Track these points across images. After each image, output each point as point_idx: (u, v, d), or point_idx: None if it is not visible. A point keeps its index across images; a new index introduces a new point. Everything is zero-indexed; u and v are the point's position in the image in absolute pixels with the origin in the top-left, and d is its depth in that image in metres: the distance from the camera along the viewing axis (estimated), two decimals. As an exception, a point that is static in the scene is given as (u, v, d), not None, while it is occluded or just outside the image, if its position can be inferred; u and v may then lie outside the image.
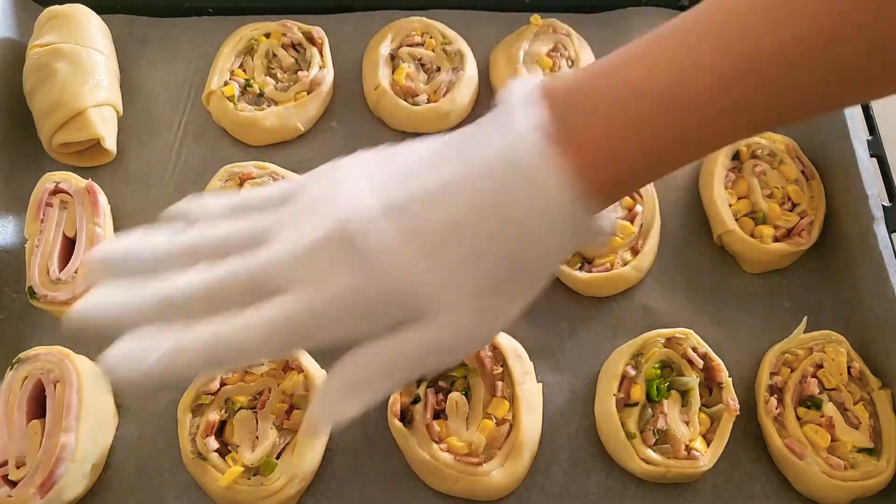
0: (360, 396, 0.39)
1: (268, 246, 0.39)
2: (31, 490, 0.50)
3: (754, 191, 0.65)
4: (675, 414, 0.55)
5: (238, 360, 0.40)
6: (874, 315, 0.60)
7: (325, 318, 0.38)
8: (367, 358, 0.39)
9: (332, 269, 0.37)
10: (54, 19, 0.69)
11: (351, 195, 0.39)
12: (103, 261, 0.40)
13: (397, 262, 0.37)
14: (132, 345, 0.37)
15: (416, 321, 0.38)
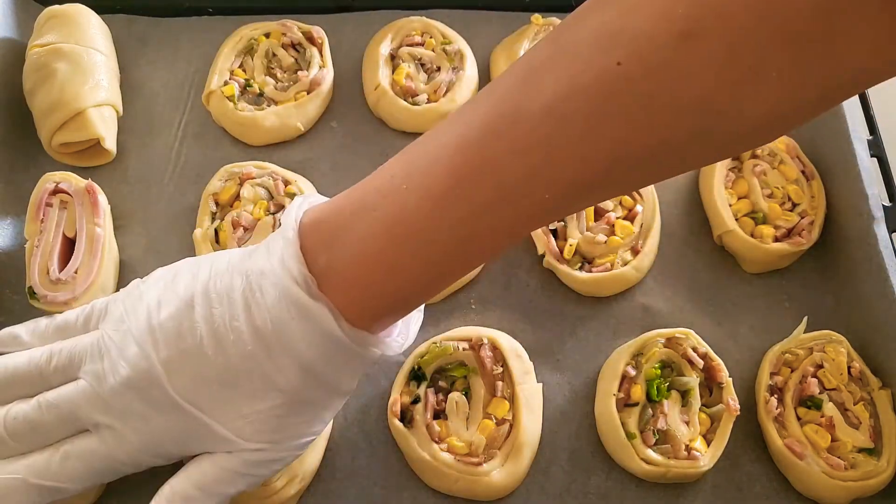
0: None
1: (75, 382, 0.44)
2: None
3: (754, 191, 0.65)
4: (675, 414, 0.55)
5: (58, 495, 0.44)
6: (874, 315, 0.60)
7: (132, 454, 0.44)
8: (183, 481, 0.44)
9: (136, 413, 0.42)
10: (54, 19, 0.69)
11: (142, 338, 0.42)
12: None
13: (192, 402, 0.41)
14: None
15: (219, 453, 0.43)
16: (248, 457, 0.43)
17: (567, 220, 0.63)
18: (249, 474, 0.44)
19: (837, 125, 0.65)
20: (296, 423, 0.44)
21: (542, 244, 0.63)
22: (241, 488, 0.44)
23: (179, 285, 0.44)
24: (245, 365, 0.41)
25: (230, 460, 0.43)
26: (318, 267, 0.40)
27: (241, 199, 0.62)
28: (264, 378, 0.41)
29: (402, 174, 0.39)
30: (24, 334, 0.49)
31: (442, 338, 0.57)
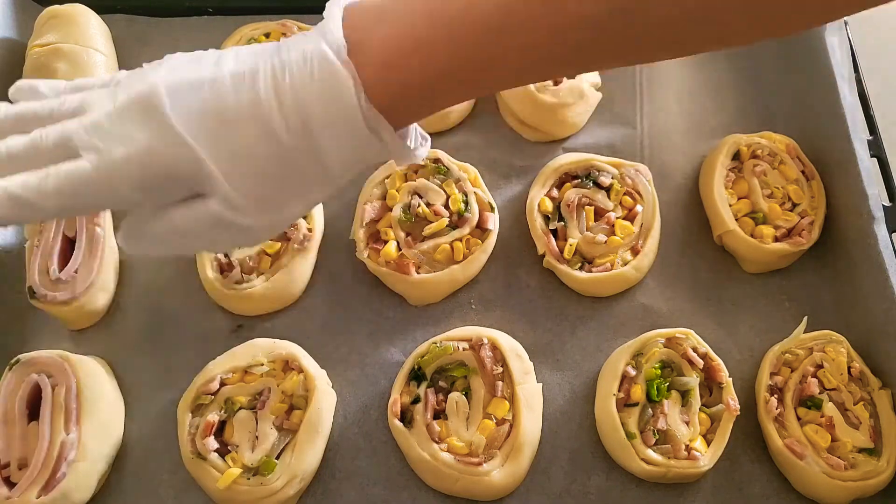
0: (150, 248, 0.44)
1: (80, 115, 0.43)
2: (34, 491, 0.50)
3: (754, 191, 0.65)
4: (675, 414, 0.55)
5: (36, 212, 0.42)
6: (874, 315, 0.60)
7: (113, 179, 0.41)
8: (156, 219, 0.43)
9: (127, 133, 0.41)
10: (54, 19, 0.69)
11: (156, 73, 0.42)
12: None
13: (188, 131, 0.40)
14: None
15: (200, 195, 0.42)
16: (222, 212, 0.42)
17: (567, 220, 0.63)
18: (213, 235, 0.43)
19: (837, 125, 0.65)
20: (280, 184, 0.43)
21: (542, 244, 0.63)
22: (200, 247, 0.45)
23: (212, 52, 0.44)
24: (253, 109, 0.41)
25: (202, 212, 0.42)
26: (352, 40, 0.40)
27: None
28: (266, 125, 0.41)
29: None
30: (42, 87, 0.48)
31: (442, 338, 0.58)
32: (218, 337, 0.60)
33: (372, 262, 0.61)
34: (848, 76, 0.67)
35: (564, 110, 0.68)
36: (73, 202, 0.43)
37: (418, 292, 0.62)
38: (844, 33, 0.69)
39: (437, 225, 0.61)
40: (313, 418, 0.54)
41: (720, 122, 0.72)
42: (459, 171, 0.64)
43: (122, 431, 0.57)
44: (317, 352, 0.59)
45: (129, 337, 0.60)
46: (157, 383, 0.59)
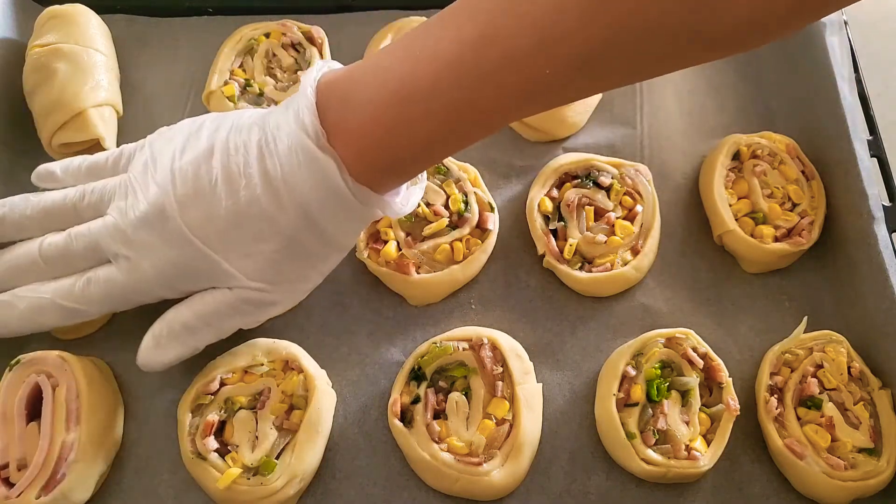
0: (182, 343, 0.50)
1: (103, 217, 0.49)
2: (33, 491, 0.50)
3: (754, 191, 0.65)
4: (675, 414, 0.55)
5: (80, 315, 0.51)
6: (874, 315, 0.60)
7: (145, 283, 0.49)
8: (185, 309, 0.49)
9: (150, 242, 0.47)
10: (54, 19, 0.69)
11: (163, 179, 0.47)
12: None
13: (202, 238, 0.46)
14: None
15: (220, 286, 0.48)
16: (247, 294, 0.48)
17: (567, 220, 0.63)
18: (246, 312, 0.49)
19: (837, 125, 0.65)
20: (293, 267, 0.48)
21: (542, 244, 0.63)
22: (237, 324, 0.50)
23: (203, 135, 0.48)
24: (253, 208, 0.45)
25: (230, 295, 0.48)
26: (329, 122, 0.43)
27: None
28: (269, 221, 0.45)
29: (416, 43, 0.42)
30: (58, 171, 0.54)
31: (442, 338, 0.58)
32: (218, 337, 0.60)
33: (372, 262, 0.61)
34: (848, 76, 0.67)
35: (564, 109, 0.68)
36: (112, 305, 0.51)
37: (418, 292, 0.62)
38: (844, 33, 0.69)
39: (437, 225, 0.61)
40: (313, 418, 0.54)
41: (720, 122, 0.72)
42: (459, 171, 0.64)
43: (121, 431, 0.57)
44: (317, 352, 0.59)
45: (130, 337, 0.60)
46: (157, 383, 0.59)
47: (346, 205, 0.45)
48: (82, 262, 0.50)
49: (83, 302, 0.50)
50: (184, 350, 0.51)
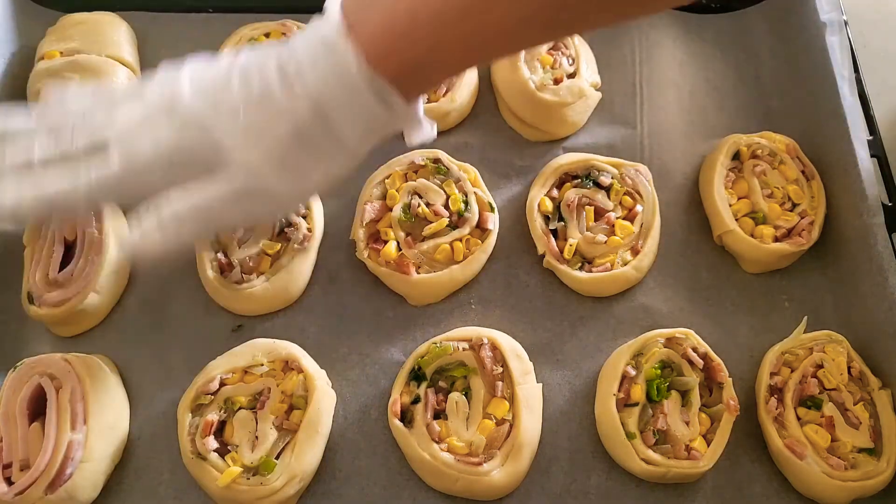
0: (171, 232, 0.46)
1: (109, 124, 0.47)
2: (38, 490, 0.50)
3: (754, 191, 0.65)
4: (675, 414, 0.55)
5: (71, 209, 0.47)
6: (874, 315, 0.60)
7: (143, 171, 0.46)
8: (179, 199, 0.46)
9: (153, 128, 0.45)
10: (80, 25, 0.68)
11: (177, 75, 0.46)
12: None
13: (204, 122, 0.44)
14: None
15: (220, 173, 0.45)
16: (248, 183, 0.45)
17: (567, 220, 0.63)
18: (241, 204, 0.46)
19: (837, 125, 0.65)
20: (297, 158, 0.46)
21: (542, 244, 0.63)
22: (230, 217, 0.47)
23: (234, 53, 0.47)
24: (264, 97, 0.44)
25: (226, 183, 0.45)
26: (350, 21, 0.43)
27: None
28: (278, 108, 0.44)
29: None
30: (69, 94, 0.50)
31: (442, 338, 0.58)
32: (218, 337, 0.60)
33: (372, 262, 0.61)
34: (848, 76, 0.67)
35: (564, 109, 0.68)
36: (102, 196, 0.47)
37: (418, 292, 0.62)
38: (844, 33, 0.69)
39: (437, 225, 0.61)
40: (313, 418, 0.54)
41: (720, 122, 0.72)
42: (459, 171, 0.64)
43: (127, 430, 0.57)
44: (317, 352, 0.59)
45: (130, 337, 0.60)
46: (157, 383, 0.59)
47: (361, 97, 0.43)
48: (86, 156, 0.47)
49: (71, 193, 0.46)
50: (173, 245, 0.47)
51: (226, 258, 0.61)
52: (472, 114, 0.71)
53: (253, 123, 0.45)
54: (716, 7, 0.78)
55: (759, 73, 0.75)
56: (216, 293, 0.60)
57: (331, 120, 0.44)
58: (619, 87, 0.73)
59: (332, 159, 0.47)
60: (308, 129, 0.45)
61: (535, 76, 0.68)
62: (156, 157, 0.46)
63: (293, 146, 0.45)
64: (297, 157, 0.46)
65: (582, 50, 0.71)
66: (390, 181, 0.64)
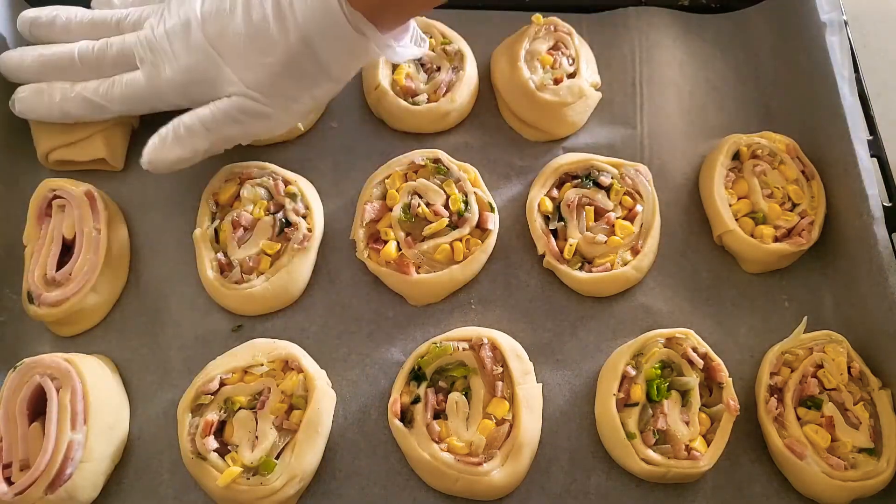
0: (182, 141, 0.56)
1: (136, 32, 0.58)
2: (38, 490, 0.50)
3: (754, 191, 0.65)
4: (675, 414, 0.55)
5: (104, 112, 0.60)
6: (874, 315, 0.60)
7: (163, 87, 0.57)
8: (189, 114, 0.56)
9: (172, 50, 0.55)
10: None
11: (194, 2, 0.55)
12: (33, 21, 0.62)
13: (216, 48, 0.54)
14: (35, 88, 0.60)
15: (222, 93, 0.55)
16: (244, 102, 0.55)
17: (567, 220, 0.63)
18: (242, 121, 0.56)
19: (837, 125, 0.65)
20: (288, 84, 0.54)
21: (542, 244, 0.63)
22: (232, 132, 0.57)
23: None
24: (261, 28, 0.52)
25: (229, 103, 0.55)
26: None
27: (241, 199, 0.62)
28: (272, 39, 0.52)
29: None
30: None
31: (442, 338, 0.57)
32: (218, 337, 0.60)
33: (372, 262, 0.61)
34: (848, 76, 0.67)
35: (564, 109, 0.68)
36: (131, 105, 0.59)
37: (418, 292, 0.62)
38: (844, 33, 0.69)
39: (436, 225, 0.61)
40: (313, 418, 0.54)
41: (720, 122, 0.72)
42: (459, 171, 0.64)
43: (127, 430, 0.57)
44: (317, 352, 0.58)
45: (130, 337, 0.60)
46: (157, 383, 0.59)
47: (342, 30, 0.51)
48: (112, 67, 0.58)
49: (107, 99, 0.58)
50: (184, 151, 0.56)
51: (226, 258, 0.61)
52: (472, 114, 0.71)
53: (250, 50, 0.53)
54: (716, 7, 0.78)
55: (759, 73, 0.75)
56: (216, 293, 0.60)
57: (317, 51, 0.52)
58: (619, 87, 0.73)
59: (318, 84, 0.56)
60: (297, 58, 0.53)
61: (535, 76, 0.68)
62: (174, 76, 0.56)
63: (283, 72, 0.53)
64: (287, 82, 0.54)
65: (582, 50, 0.71)
66: (390, 181, 0.64)
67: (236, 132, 0.57)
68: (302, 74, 0.54)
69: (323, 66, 0.54)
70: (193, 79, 0.56)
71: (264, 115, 0.56)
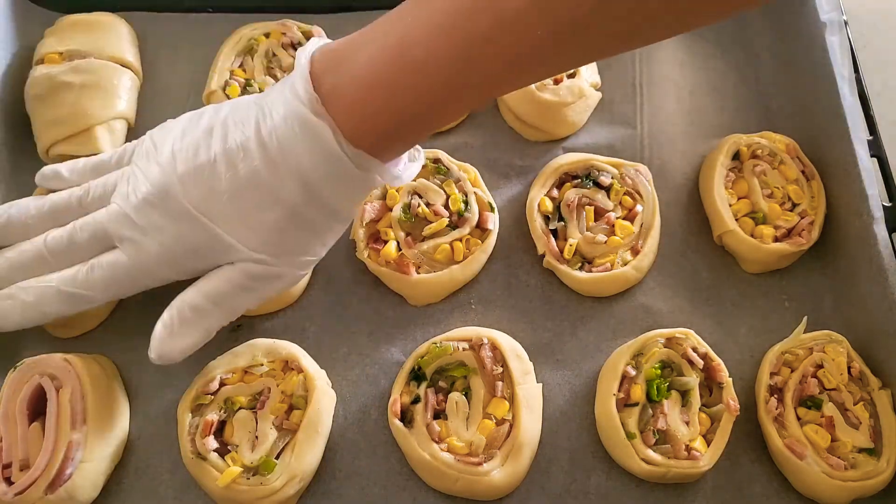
0: (194, 327, 0.49)
1: (107, 206, 0.49)
2: (39, 489, 0.50)
3: (754, 191, 0.65)
4: (675, 414, 0.55)
5: (85, 304, 0.51)
6: (874, 315, 0.60)
7: (151, 264, 0.49)
8: (193, 291, 0.48)
9: (154, 224, 0.47)
10: (80, 26, 0.68)
11: (165, 160, 0.47)
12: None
13: (204, 213, 0.46)
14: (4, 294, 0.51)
15: (225, 261, 0.48)
16: (251, 268, 0.47)
17: (567, 220, 0.63)
18: (252, 287, 0.49)
19: (837, 125, 0.65)
20: (296, 237, 0.48)
21: (542, 244, 0.63)
22: (245, 302, 0.50)
23: (203, 119, 0.48)
24: (252, 180, 0.45)
25: (235, 271, 0.48)
26: (324, 88, 0.43)
27: None
28: (269, 192, 0.45)
29: (408, 11, 0.42)
30: (64, 171, 0.55)
31: (442, 338, 0.58)
32: (218, 337, 0.60)
33: (372, 262, 0.61)
34: (848, 76, 0.67)
35: (564, 109, 0.68)
36: (117, 289, 0.50)
37: (418, 292, 0.62)
38: (845, 33, 0.69)
39: (437, 225, 0.61)
40: (313, 418, 0.54)
41: (720, 122, 0.72)
42: (459, 171, 0.64)
43: (127, 430, 0.57)
44: (317, 352, 0.59)
45: (130, 337, 0.60)
46: (157, 383, 0.59)
47: (343, 171, 0.45)
48: (87, 252, 0.50)
49: (88, 287, 0.50)
50: (197, 335, 0.50)
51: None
52: (472, 114, 0.71)
53: (246, 209, 0.46)
54: (716, 7, 0.78)
55: (759, 73, 0.75)
56: (216, 293, 0.60)
57: (320, 194, 0.46)
58: (619, 87, 0.73)
59: (330, 229, 0.49)
60: (301, 208, 0.46)
61: (535, 76, 0.68)
62: (161, 251, 0.48)
63: (289, 226, 0.47)
64: (296, 235, 0.48)
65: (582, 50, 0.71)
66: (390, 181, 0.64)
67: (249, 300, 0.50)
68: (310, 224, 0.48)
69: (330, 209, 0.47)
70: (185, 250, 0.48)
71: (276, 276, 0.49)
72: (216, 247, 0.47)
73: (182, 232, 0.47)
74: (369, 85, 0.43)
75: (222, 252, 0.47)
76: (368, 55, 0.43)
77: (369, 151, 0.45)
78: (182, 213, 0.46)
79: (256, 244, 0.47)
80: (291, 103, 0.44)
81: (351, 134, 0.44)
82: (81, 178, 0.54)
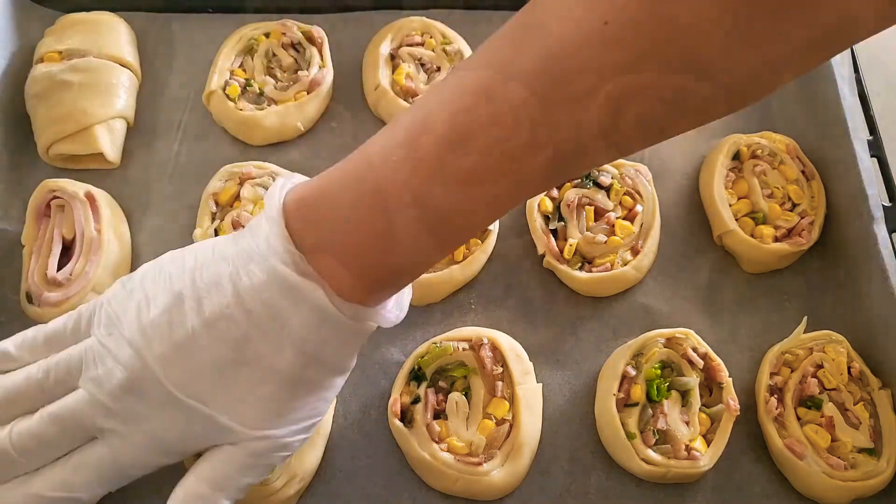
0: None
1: (75, 392, 0.43)
2: None
3: (754, 191, 0.65)
4: (675, 414, 0.55)
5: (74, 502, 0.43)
6: (874, 315, 0.60)
7: (140, 456, 0.43)
8: (194, 482, 0.43)
9: (137, 412, 0.41)
10: (80, 25, 0.68)
11: (135, 339, 0.41)
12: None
13: (192, 395, 0.40)
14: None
15: (224, 442, 0.42)
16: (254, 446, 0.42)
17: (567, 220, 0.63)
18: (258, 464, 0.43)
19: (837, 125, 0.65)
20: (298, 405, 0.43)
21: (542, 244, 0.63)
22: (252, 480, 0.44)
23: (167, 279, 0.42)
24: (241, 352, 0.40)
25: (237, 452, 0.42)
26: (306, 244, 0.39)
27: (241, 200, 0.62)
28: (261, 363, 0.40)
29: (392, 145, 0.38)
30: (12, 348, 0.46)
31: (442, 338, 0.57)
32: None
33: (372, 262, 0.61)
34: (848, 76, 0.67)
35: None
36: (109, 485, 0.45)
37: (418, 292, 0.61)
38: (844, 33, 0.69)
39: (437, 225, 0.61)
40: (313, 418, 0.54)
41: (720, 122, 0.72)
42: (459, 171, 0.64)
43: None
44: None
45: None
46: None
47: (341, 329, 0.41)
48: (63, 445, 0.43)
49: (77, 489, 0.43)
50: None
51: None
52: (472, 114, 0.71)
53: (239, 385, 0.41)
54: (716, 7, 0.78)
55: (759, 73, 0.75)
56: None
57: (319, 357, 0.42)
58: (619, 87, 0.73)
59: (331, 385, 0.45)
60: (300, 375, 0.42)
61: (535, 76, 0.68)
62: (148, 441, 0.42)
63: (290, 395, 0.42)
64: (297, 404, 0.43)
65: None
66: (390, 181, 0.64)
67: (256, 476, 0.44)
68: (311, 388, 0.43)
69: (331, 367, 0.43)
70: (176, 437, 0.42)
71: (280, 447, 0.43)
72: (211, 430, 0.42)
73: (171, 419, 0.41)
74: (359, 235, 0.39)
75: (219, 434, 0.42)
76: (355, 200, 0.38)
77: (362, 303, 0.41)
78: (167, 400, 0.41)
79: (256, 421, 0.41)
80: (271, 263, 0.39)
81: (343, 289, 0.40)
82: (34, 355, 0.46)
